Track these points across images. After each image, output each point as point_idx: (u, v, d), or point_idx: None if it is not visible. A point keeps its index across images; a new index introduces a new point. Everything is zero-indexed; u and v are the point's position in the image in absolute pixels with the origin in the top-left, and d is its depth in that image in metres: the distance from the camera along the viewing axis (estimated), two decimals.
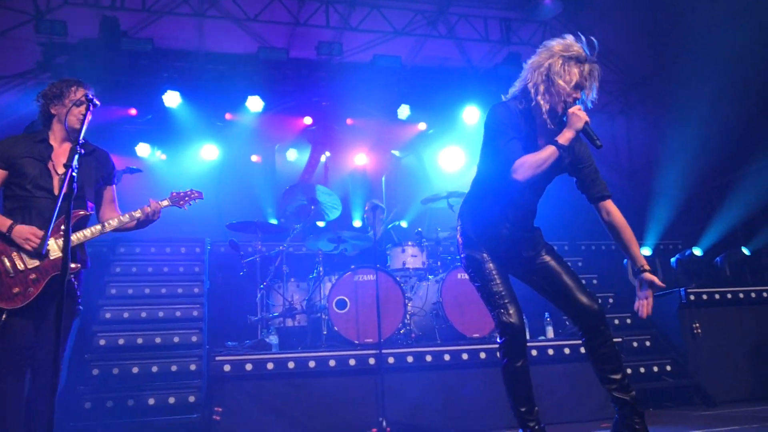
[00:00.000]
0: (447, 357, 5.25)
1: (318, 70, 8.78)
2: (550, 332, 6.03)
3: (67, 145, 3.35)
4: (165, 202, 3.57)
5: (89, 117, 3.07)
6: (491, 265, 3.10)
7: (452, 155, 9.43)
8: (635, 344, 6.42)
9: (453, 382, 5.20)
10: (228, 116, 8.65)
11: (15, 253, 3.13)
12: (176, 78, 8.18)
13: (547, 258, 3.19)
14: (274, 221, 8.29)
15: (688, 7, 7.47)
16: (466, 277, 5.90)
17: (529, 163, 2.92)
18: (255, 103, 8.37)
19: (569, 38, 3.04)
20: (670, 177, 8.15)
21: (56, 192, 3.21)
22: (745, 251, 7.46)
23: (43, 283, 3.13)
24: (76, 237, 3.24)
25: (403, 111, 8.97)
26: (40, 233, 3.14)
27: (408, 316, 5.91)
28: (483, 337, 5.74)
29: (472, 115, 8.95)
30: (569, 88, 2.97)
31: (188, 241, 7.23)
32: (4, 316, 3.08)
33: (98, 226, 3.36)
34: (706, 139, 7.66)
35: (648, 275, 3.07)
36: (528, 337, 3.12)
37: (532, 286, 3.28)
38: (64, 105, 3.34)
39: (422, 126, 9.44)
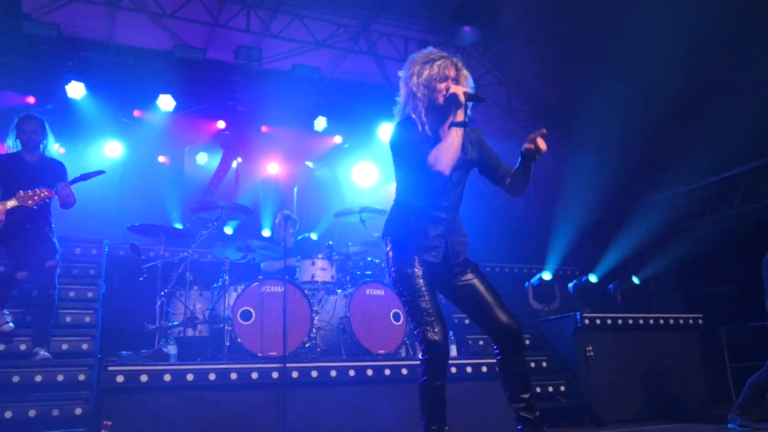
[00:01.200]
0: (352, 372, 5.22)
1: (235, 74, 8.60)
2: (453, 351, 6.13)
3: None
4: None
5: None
6: (421, 281, 3.08)
7: (366, 170, 9.48)
8: (533, 365, 6.62)
9: (358, 397, 5.17)
10: (136, 113, 8.27)
11: None
12: (82, 68, 7.74)
13: (472, 275, 3.23)
14: (179, 226, 7.97)
15: (598, 44, 7.90)
16: (375, 292, 6.00)
17: (442, 151, 3.00)
18: (166, 102, 8.05)
19: (428, 49, 3.25)
20: (572, 204, 8.56)
21: None
22: (635, 280, 7.95)
23: None
24: None
25: (320, 123, 8.94)
26: None
27: (314, 330, 5.84)
28: (388, 354, 5.76)
29: (387, 132, 8.99)
30: (436, 81, 3.13)
31: (84, 242, 6.79)
32: None
33: None
34: (605, 170, 8.11)
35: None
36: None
37: (455, 302, 3.29)
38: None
39: (338, 139, 9.44)
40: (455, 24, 8.51)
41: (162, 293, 5.96)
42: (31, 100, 7.67)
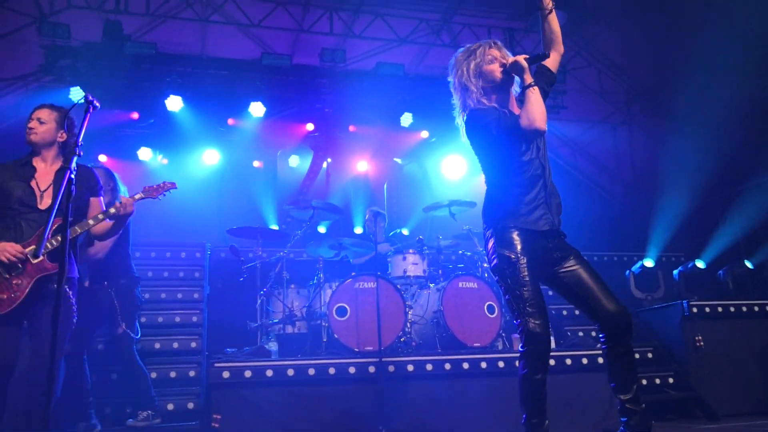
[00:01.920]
0: (448, 366, 5.20)
1: (321, 76, 8.79)
2: (551, 343, 5.98)
3: (51, 167, 3.55)
4: (138, 195, 3.67)
5: (88, 119, 3.10)
6: (524, 269, 3.02)
7: (454, 163, 9.43)
8: (637, 356, 6.34)
9: (454, 391, 5.14)
10: (230, 121, 8.64)
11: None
12: (179, 82, 8.18)
13: (575, 262, 3.15)
14: (275, 227, 8.26)
15: (693, 20, 7.46)
16: (468, 285, 5.96)
17: (531, 110, 3.02)
18: (257, 109, 8.37)
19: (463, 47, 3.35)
20: (673, 189, 8.13)
21: (40, 206, 3.42)
22: (748, 264, 7.43)
23: (28, 287, 3.24)
24: (50, 243, 3.34)
25: (406, 118, 8.97)
26: (17, 246, 3.28)
27: (408, 325, 5.86)
28: (484, 347, 5.70)
29: None
30: (484, 65, 3.21)
31: (189, 246, 7.18)
32: None
33: (75, 227, 3.45)
34: (709, 152, 7.64)
35: None
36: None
37: (559, 290, 3.21)
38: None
39: (425, 134, 9.44)
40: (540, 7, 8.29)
41: (261, 292, 6.19)
42: (135, 116, 8.20)
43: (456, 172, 9.41)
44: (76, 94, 7.48)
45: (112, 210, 3.55)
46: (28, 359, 3.24)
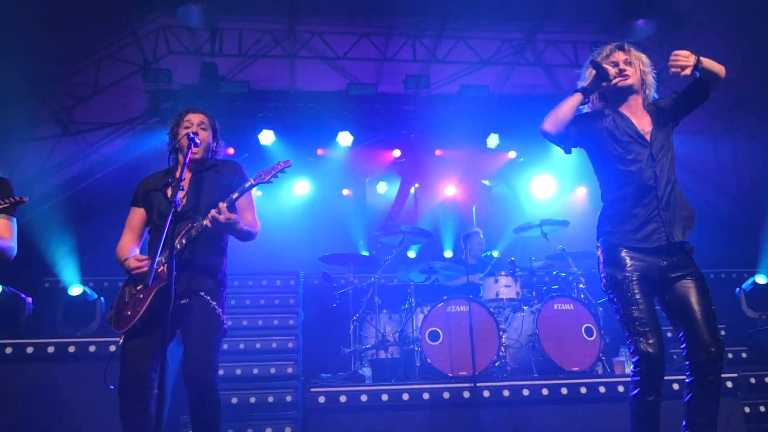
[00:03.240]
0: (545, 391, 5.04)
1: (406, 103, 8.90)
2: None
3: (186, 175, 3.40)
4: (248, 183, 3.31)
5: (193, 151, 3.26)
6: (635, 287, 2.90)
7: (544, 183, 9.24)
8: (753, 380, 5.89)
9: (552, 417, 4.96)
10: (320, 152, 8.90)
11: (133, 284, 3.25)
12: (270, 117, 8.53)
13: (691, 281, 2.95)
14: (365, 253, 8.38)
15: None
16: (564, 307, 5.78)
17: (550, 113, 3.08)
18: (345, 138, 8.58)
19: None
20: None
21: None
22: None
23: (149, 298, 3.11)
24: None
25: (492, 140, 8.90)
26: (144, 257, 3.23)
27: (503, 349, 5.75)
28: (583, 371, 5.48)
29: None
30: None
31: (283, 274, 7.39)
32: (121, 341, 3.18)
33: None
34: None
35: None
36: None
37: (662, 306, 3.04)
38: (177, 138, 3.44)
39: (512, 154, 9.33)
40: (628, 19, 8.04)
41: (354, 318, 6.27)
42: (230, 151, 8.60)
43: (546, 191, 9.22)
44: None
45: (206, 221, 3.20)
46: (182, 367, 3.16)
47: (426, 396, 4.98)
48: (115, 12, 7.29)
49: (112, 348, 5.21)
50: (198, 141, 3.30)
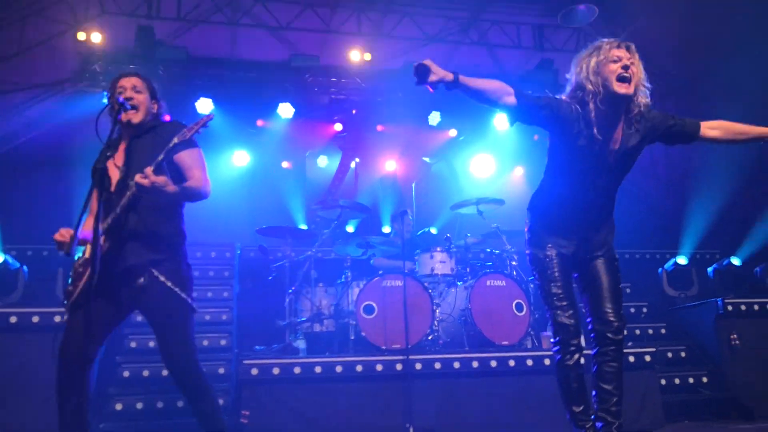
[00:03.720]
0: (475, 364, 5.18)
1: (349, 76, 8.81)
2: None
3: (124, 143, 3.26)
4: (171, 143, 3.03)
5: (124, 118, 3.14)
6: (555, 265, 3.14)
7: (483, 162, 9.38)
8: (670, 355, 6.25)
9: (482, 389, 5.12)
10: (259, 123, 8.74)
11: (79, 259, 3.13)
12: (209, 85, 8.30)
13: (603, 261, 3.21)
14: (303, 226, 8.33)
15: (728, 15, 7.27)
16: (496, 283, 5.92)
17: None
18: (286, 110, 8.45)
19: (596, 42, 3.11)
20: (708, 185, 7.94)
21: (112, 189, 3.09)
22: None
23: (86, 272, 3.01)
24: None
25: (434, 117, 8.95)
26: (68, 230, 3.05)
27: (436, 323, 5.85)
28: (512, 345, 5.66)
29: (503, 122, 8.89)
30: (605, 63, 3.00)
31: (218, 246, 7.30)
32: (66, 315, 3.08)
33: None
34: (745, 145, 7.42)
35: None
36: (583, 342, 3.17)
37: (577, 282, 3.29)
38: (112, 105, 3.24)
39: (453, 132, 9.42)
40: (570, 3, 8.18)
41: (290, 291, 6.24)
42: (167, 118, 8.31)
43: (484, 170, 9.37)
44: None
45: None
46: None
47: (359, 368, 5.03)
48: None
49: (35, 319, 5.03)
50: (129, 106, 3.19)
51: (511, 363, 5.20)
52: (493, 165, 9.36)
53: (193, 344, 3.13)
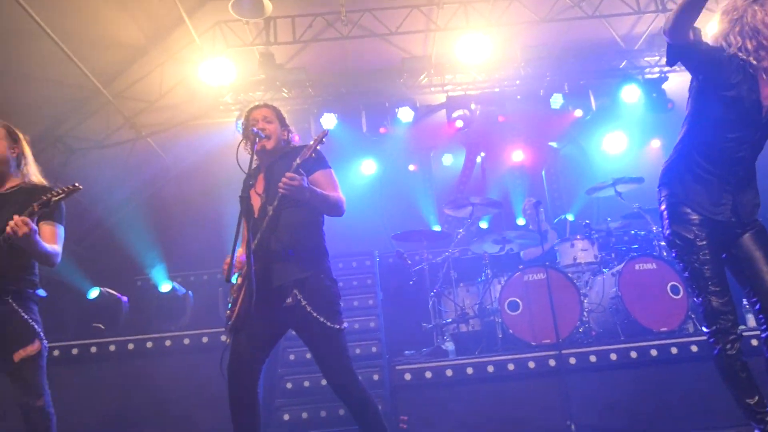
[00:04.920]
0: (634, 354, 4.95)
1: (463, 71, 8.74)
2: (750, 321, 5.47)
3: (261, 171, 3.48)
4: (294, 163, 3.20)
5: (258, 147, 3.36)
6: (703, 245, 2.87)
7: (614, 139, 8.95)
8: None
9: (643, 380, 4.88)
10: (382, 130, 8.89)
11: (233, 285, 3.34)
12: (330, 100, 8.59)
13: (753, 231, 2.92)
14: (437, 228, 8.39)
15: None
16: (646, 267, 5.63)
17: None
18: (406, 114, 8.55)
19: None
20: None
21: (255, 215, 3.27)
22: None
23: (240, 297, 3.18)
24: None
25: (556, 100, 8.66)
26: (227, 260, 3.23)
27: (585, 314, 5.68)
28: (672, 331, 5.35)
29: (631, 94, 8.42)
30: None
31: (358, 255, 7.53)
32: (227, 339, 3.29)
33: None
34: None
35: None
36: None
37: (727, 262, 2.98)
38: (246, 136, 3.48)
39: (578, 113, 9.03)
40: None
41: (432, 293, 6.32)
42: (296, 138, 8.71)
43: (616, 148, 8.93)
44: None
45: None
46: None
47: (511, 367, 4.99)
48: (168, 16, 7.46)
49: (205, 339, 5.47)
50: (263, 135, 3.39)
51: (674, 350, 4.92)
52: (625, 141, 8.90)
53: (347, 357, 3.23)
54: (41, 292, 3.40)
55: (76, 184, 3.08)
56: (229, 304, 3.35)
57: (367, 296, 6.91)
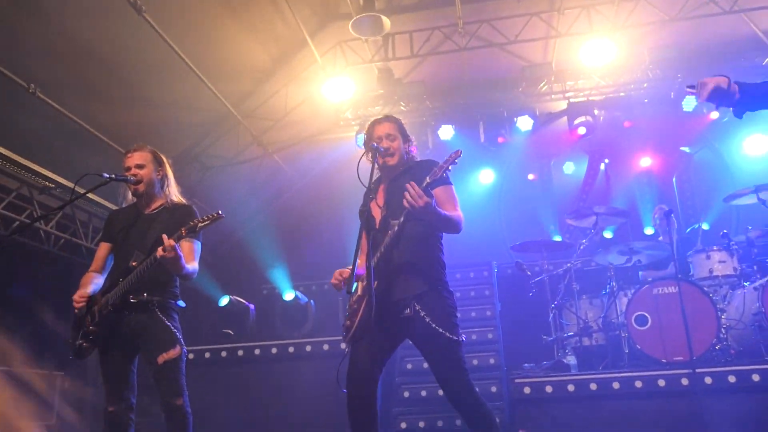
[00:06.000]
0: None
1: (586, 76, 8.45)
2: None
3: (383, 184, 3.55)
4: (424, 183, 3.12)
5: (381, 162, 3.41)
6: None
7: (755, 143, 8.23)
8: None
9: None
10: (500, 139, 8.79)
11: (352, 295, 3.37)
12: (447, 111, 8.63)
13: None
14: (558, 238, 8.13)
15: None
16: None
17: None
18: (525, 123, 8.40)
19: None
20: None
21: (377, 227, 3.34)
22: None
23: (361, 308, 3.24)
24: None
25: (689, 102, 8.12)
26: (343, 272, 3.36)
27: (723, 330, 5.26)
28: None
29: None
30: None
31: (476, 266, 7.46)
32: (347, 348, 3.37)
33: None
34: None
35: None
36: None
37: None
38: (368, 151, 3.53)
39: (714, 115, 8.42)
40: None
41: (552, 305, 6.13)
42: (414, 150, 8.83)
43: (758, 150, 8.21)
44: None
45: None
46: None
47: (639, 384, 4.72)
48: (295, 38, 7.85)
49: (326, 347, 5.65)
50: (382, 149, 3.44)
51: None
52: (767, 144, 8.17)
53: (464, 369, 3.21)
54: (181, 303, 3.73)
55: (220, 213, 3.36)
56: (347, 314, 3.45)
57: (484, 307, 6.82)
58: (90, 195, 6.35)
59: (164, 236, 3.30)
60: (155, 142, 3.96)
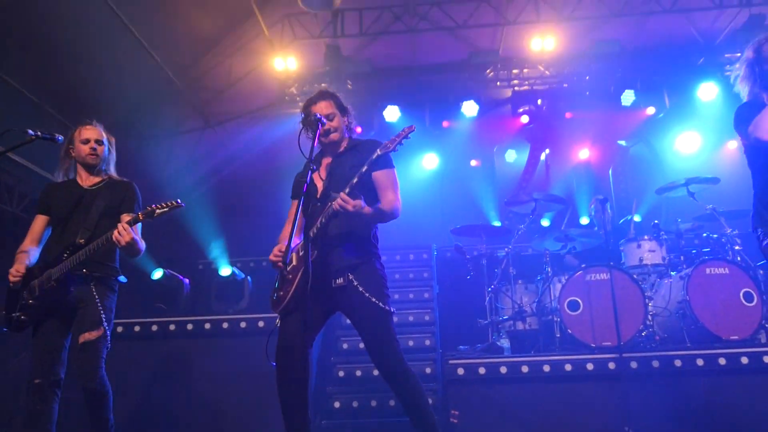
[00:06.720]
0: (700, 362, 4.70)
1: (531, 66, 8.57)
2: None
3: (327, 158, 3.56)
4: (374, 155, 3.24)
5: (326, 140, 3.42)
6: None
7: (687, 139, 8.55)
8: None
9: (709, 389, 4.63)
10: (445, 124, 8.84)
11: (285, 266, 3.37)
12: (393, 93, 8.60)
13: None
14: (497, 223, 8.26)
15: None
16: (718, 271, 5.36)
17: (761, 118, 2.87)
18: (470, 108, 8.45)
19: None
20: None
21: (317, 197, 3.37)
22: None
23: (296, 279, 3.23)
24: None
25: (627, 97, 8.37)
26: (280, 248, 3.31)
27: (650, 317, 5.45)
28: (743, 340, 5.06)
29: (708, 92, 8.04)
30: None
31: (416, 248, 7.49)
32: (277, 321, 3.36)
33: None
34: None
35: None
36: None
37: None
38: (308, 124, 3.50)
39: (650, 110, 8.70)
40: None
41: (489, 289, 6.21)
42: (358, 130, 8.75)
43: (689, 147, 8.54)
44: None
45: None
46: None
47: (568, 367, 4.83)
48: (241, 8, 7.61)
49: (261, 324, 5.55)
50: (324, 121, 3.40)
51: (744, 360, 4.64)
52: (699, 141, 8.50)
53: (396, 344, 3.26)
54: (122, 279, 3.75)
55: (179, 201, 3.41)
56: (276, 284, 3.38)
57: (422, 289, 6.87)
58: (18, 159, 6.02)
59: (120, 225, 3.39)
60: (92, 105, 3.84)
